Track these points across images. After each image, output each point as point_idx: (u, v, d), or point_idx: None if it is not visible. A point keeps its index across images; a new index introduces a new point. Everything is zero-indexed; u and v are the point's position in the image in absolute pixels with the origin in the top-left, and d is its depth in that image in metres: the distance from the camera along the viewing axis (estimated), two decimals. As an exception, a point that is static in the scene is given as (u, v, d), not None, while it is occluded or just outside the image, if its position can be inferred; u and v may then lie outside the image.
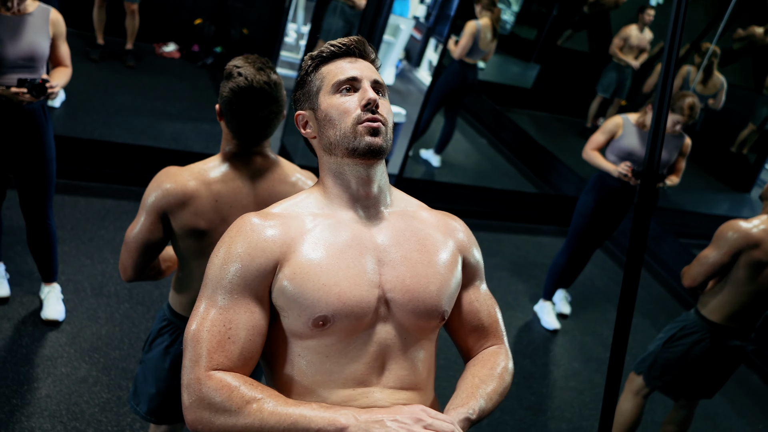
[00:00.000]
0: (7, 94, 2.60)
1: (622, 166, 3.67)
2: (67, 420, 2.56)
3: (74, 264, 3.40)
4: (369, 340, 1.22)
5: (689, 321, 2.77)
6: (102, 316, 3.13)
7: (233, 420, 1.11)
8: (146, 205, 1.77)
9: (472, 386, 1.25)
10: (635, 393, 2.91)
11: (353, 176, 1.27)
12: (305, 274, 1.19)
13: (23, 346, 2.84)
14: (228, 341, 1.17)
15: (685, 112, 3.53)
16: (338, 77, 1.27)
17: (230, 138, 1.81)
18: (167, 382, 1.96)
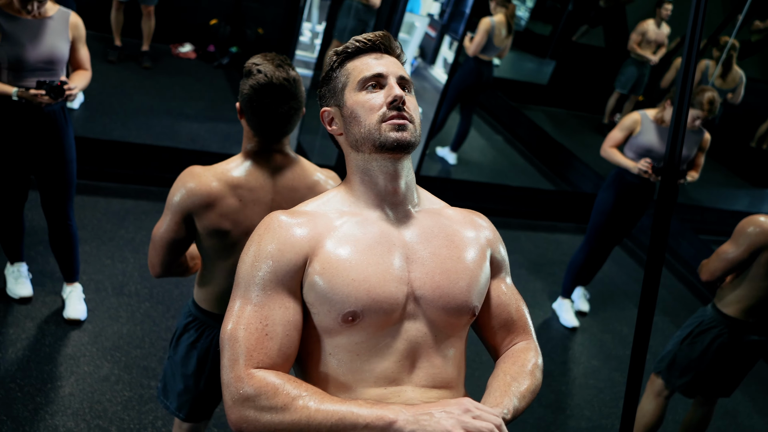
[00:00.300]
0: (27, 96, 2.63)
1: (642, 162, 3.64)
2: (90, 418, 2.59)
3: (95, 264, 3.44)
4: (398, 337, 1.22)
5: (707, 316, 2.75)
6: (123, 315, 3.15)
7: (280, 417, 1.10)
8: (171, 205, 1.80)
9: (505, 384, 1.23)
10: (656, 394, 2.89)
11: (380, 172, 1.26)
12: (334, 270, 1.19)
13: (46, 345, 2.87)
14: (266, 338, 1.16)
15: (705, 107, 3.49)
16: (364, 74, 1.27)
17: (251, 136, 1.83)
18: (195, 378, 1.98)
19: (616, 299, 4.61)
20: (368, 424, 1.07)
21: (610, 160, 3.80)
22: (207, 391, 2.01)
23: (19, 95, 2.63)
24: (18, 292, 3.05)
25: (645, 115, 3.72)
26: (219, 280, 1.89)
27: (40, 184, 2.91)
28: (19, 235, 3.03)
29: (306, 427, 1.09)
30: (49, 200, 2.93)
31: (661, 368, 2.88)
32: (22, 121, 2.72)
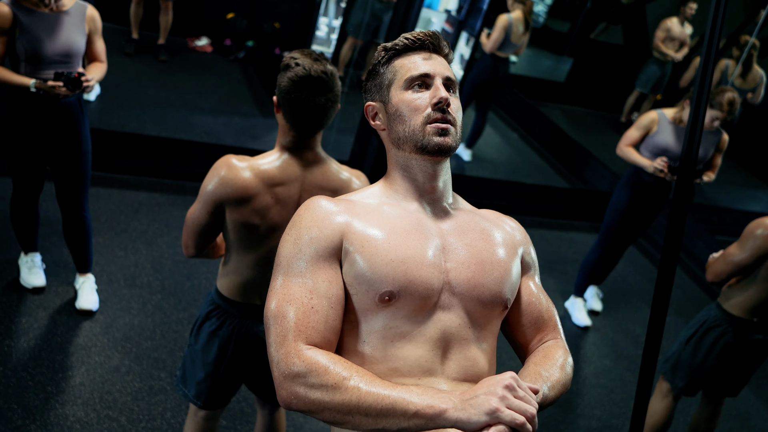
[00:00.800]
0: (44, 88, 2.65)
1: (658, 161, 3.60)
2: (100, 408, 2.61)
3: (108, 255, 3.46)
4: (432, 325, 1.23)
5: (711, 316, 2.73)
6: (135, 307, 3.18)
7: (330, 396, 1.10)
8: (204, 193, 1.84)
9: (536, 374, 1.23)
10: (665, 394, 2.87)
11: (420, 171, 1.30)
12: (374, 249, 1.21)
13: (58, 335, 2.90)
14: (312, 311, 1.17)
15: (724, 108, 3.45)
16: (411, 73, 1.29)
17: (287, 130, 1.86)
18: (215, 366, 2.00)
19: (630, 299, 4.57)
20: (418, 411, 1.07)
21: (626, 159, 3.77)
22: (226, 380, 2.03)
23: (36, 86, 2.65)
24: (31, 281, 3.08)
25: (663, 115, 3.69)
26: (243, 271, 1.93)
27: (55, 175, 2.93)
28: (33, 225, 3.05)
29: (355, 408, 1.09)
30: (64, 191, 2.96)
31: (666, 369, 2.86)
32: (39, 113, 2.75)
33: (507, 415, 1.04)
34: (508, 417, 1.04)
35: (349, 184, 1.93)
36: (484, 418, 1.05)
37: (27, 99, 2.71)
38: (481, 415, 1.05)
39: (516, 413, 1.05)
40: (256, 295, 1.95)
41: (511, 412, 1.05)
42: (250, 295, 1.95)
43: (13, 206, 2.98)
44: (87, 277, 3.13)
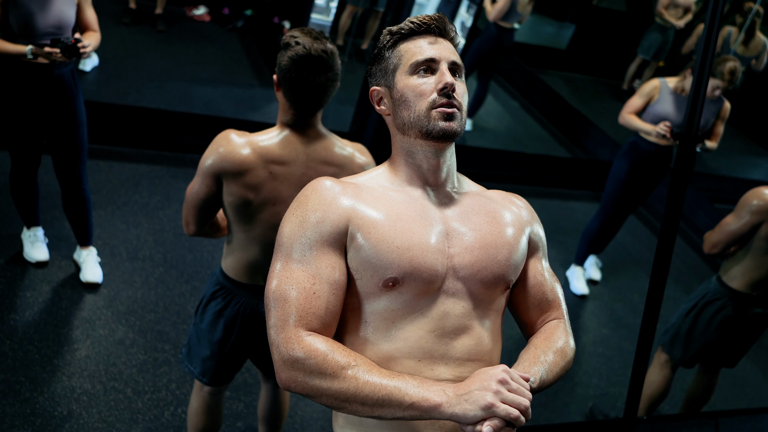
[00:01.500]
0: (41, 53, 2.66)
1: (661, 125, 3.61)
2: (105, 380, 2.66)
3: (110, 229, 3.48)
4: (435, 308, 1.24)
5: (711, 289, 2.75)
6: (137, 280, 3.21)
7: (328, 384, 1.13)
8: (203, 167, 1.85)
9: (534, 357, 1.26)
10: (663, 365, 2.91)
11: (424, 156, 1.30)
12: (380, 235, 1.22)
13: (62, 309, 2.94)
14: (313, 296, 1.19)
15: (726, 77, 3.44)
16: (416, 57, 1.28)
17: (287, 108, 1.87)
18: (220, 345, 2.03)
19: (629, 268, 4.60)
20: (413, 403, 1.11)
21: (628, 127, 3.78)
22: (231, 358, 2.07)
23: (33, 52, 2.65)
24: (34, 256, 3.11)
25: (665, 83, 3.68)
26: (246, 249, 1.94)
27: (51, 148, 2.94)
28: (33, 199, 3.07)
29: (352, 397, 1.13)
30: (62, 164, 2.97)
31: (664, 341, 2.89)
32: (32, 84, 2.76)
33: (502, 410, 1.08)
34: (503, 411, 1.08)
35: (352, 159, 1.94)
36: (480, 414, 1.09)
37: (21, 71, 2.72)
38: (476, 410, 1.09)
39: (510, 407, 1.09)
40: (260, 276, 1.97)
41: (506, 406, 1.08)
42: (254, 275, 1.96)
43: (12, 180, 3.00)
44: (89, 250, 3.15)
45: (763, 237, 2.56)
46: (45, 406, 2.48)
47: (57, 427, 2.42)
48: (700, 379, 3.03)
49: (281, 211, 1.86)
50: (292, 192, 1.86)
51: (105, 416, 2.51)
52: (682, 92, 3.64)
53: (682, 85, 3.64)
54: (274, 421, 2.36)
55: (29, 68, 2.72)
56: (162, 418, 2.57)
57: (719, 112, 3.73)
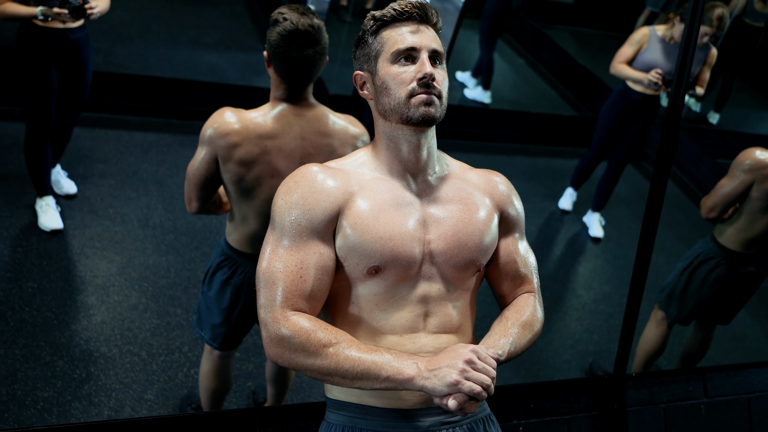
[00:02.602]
0: (50, 14, 2.80)
1: (652, 73, 3.67)
2: (121, 344, 2.78)
3: (120, 197, 3.58)
4: (413, 290, 1.35)
5: (705, 248, 2.81)
6: (149, 247, 3.31)
7: (311, 360, 1.24)
8: (201, 143, 1.94)
9: (504, 329, 1.36)
10: (660, 322, 2.99)
11: (405, 141, 1.35)
12: (365, 226, 1.31)
13: (77, 276, 3.05)
14: (300, 280, 1.28)
15: (714, 23, 3.52)
16: (398, 46, 1.32)
17: (279, 83, 1.93)
18: (228, 312, 2.15)
19: (632, 225, 4.65)
20: (389, 377, 1.22)
21: (619, 76, 3.88)
22: (239, 324, 2.19)
23: (43, 13, 2.80)
24: (49, 224, 3.21)
25: (653, 31, 3.76)
26: (247, 222, 2.03)
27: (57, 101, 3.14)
28: (48, 166, 3.21)
29: (334, 371, 1.24)
30: (62, 114, 3.20)
31: (661, 299, 2.97)
32: (49, 50, 2.93)
33: (466, 387, 1.19)
34: (466, 388, 1.19)
35: (346, 131, 2.01)
36: (446, 390, 1.20)
37: (38, 38, 2.89)
38: (443, 386, 1.20)
39: (474, 384, 1.20)
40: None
41: (470, 383, 1.20)
42: (256, 245, 2.05)
43: (28, 147, 3.12)
44: (56, 168, 3.46)
45: (755, 197, 2.60)
46: (65, 369, 2.62)
47: (77, 389, 2.56)
48: (695, 335, 3.11)
49: (279, 183, 1.93)
50: (289, 165, 1.93)
51: (122, 378, 2.65)
52: (671, 40, 3.70)
53: (670, 33, 3.69)
54: (281, 382, 2.48)
55: (46, 34, 2.88)
56: (176, 379, 2.70)
57: (706, 59, 3.77)
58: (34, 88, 2.99)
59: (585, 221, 4.45)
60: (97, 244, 3.24)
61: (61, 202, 3.40)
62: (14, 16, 2.80)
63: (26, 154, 3.15)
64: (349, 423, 1.36)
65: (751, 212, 2.64)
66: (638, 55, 3.78)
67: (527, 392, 1.91)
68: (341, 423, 1.37)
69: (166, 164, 3.92)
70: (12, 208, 3.31)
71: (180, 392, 2.65)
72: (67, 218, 3.34)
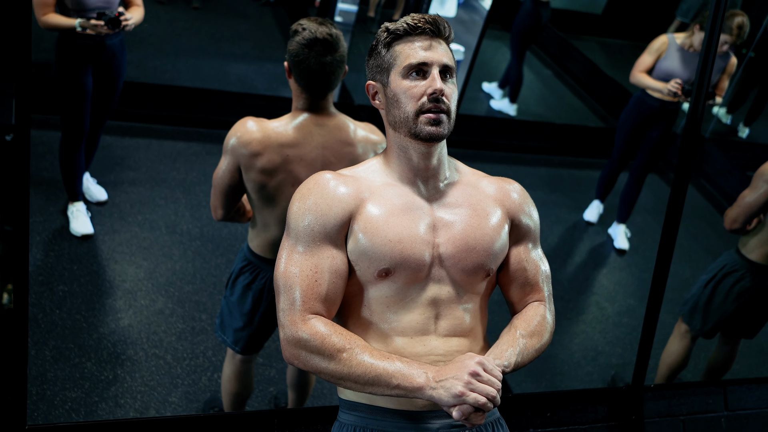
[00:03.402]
0: (88, 26, 2.93)
1: (672, 83, 3.66)
2: (147, 347, 2.84)
3: (149, 204, 3.66)
4: (423, 293, 1.39)
5: (730, 260, 2.79)
6: (176, 253, 3.38)
7: (325, 364, 1.29)
8: (225, 152, 1.99)
9: (512, 339, 1.39)
10: (683, 335, 2.96)
11: (415, 151, 1.40)
12: (375, 229, 1.35)
13: (107, 281, 3.13)
14: (315, 284, 1.33)
15: (734, 31, 3.50)
16: (410, 61, 1.36)
17: (299, 93, 1.99)
18: (249, 316, 2.19)
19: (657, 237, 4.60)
20: (398, 385, 1.26)
21: (640, 86, 3.89)
22: (260, 329, 2.23)
23: (81, 25, 2.93)
24: (80, 230, 3.30)
25: (672, 39, 3.75)
26: (269, 229, 2.08)
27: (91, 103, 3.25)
28: (80, 172, 3.32)
29: (347, 376, 1.28)
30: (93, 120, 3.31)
31: (684, 311, 2.94)
32: (87, 56, 3.07)
33: (470, 398, 1.23)
34: (471, 399, 1.23)
35: (368, 138, 2.05)
36: (452, 401, 1.24)
37: (76, 45, 3.02)
38: (449, 397, 1.24)
39: (479, 395, 1.23)
40: None
41: (475, 395, 1.23)
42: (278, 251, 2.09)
43: (64, 152, 3.24)
44: (86, 176, 3.54)
45: None
46: (93, 371, 2.68)
47: (104, 390, 2.62)
48: (720, 349, 3.07)
49: None
50: (310, 173, 1.97)
51: (147, 381, 2.70)
52: (690, 48, 3.68)
53: (690, 41, 3.67)
54: (302, 387, 2.51)
55: (84, 40, 3.01)
56: (199, 382, 2.75)
57: (725, 67, 3.74)
58: (72, 92, 3.11)
59: (610, 233, 4.42)
60: (125, 250, 3.32)
61: (92, 209, 3.49)
62: (56, 26, 2.95)
63: (61, 160, 3.26)
64: (361, 423, 1.40)
65: None
66: (658, 63, 3.78)
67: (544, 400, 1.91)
68: (353, 423, 1.41)
69: (194, 172, 4.00)
70: (45, 214, 3.41)
71: (203, 396, 2.70)
72: (96, 224, 3.42)
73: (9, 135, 1.96)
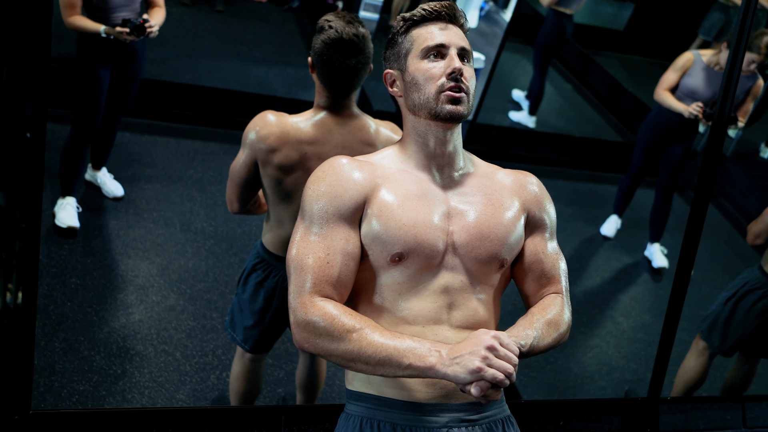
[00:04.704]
0: (113, 33, 2.96)
1: (693, 106, 3.61)
2: (157, 343, 2.83)
3: (165, 201, 3.66)
4: (436, 281, 1.36)
5: (752, 277, 2.73)
6: (189, 251, 3.37)
7: (335, 345, 1.25)
8: (243, 145, 1.96)
9: (529, 323, 1.35)
10: (701, 352, 2.90)
11: (432, 136, 1.39)
12: (389, 213, 1.33)
13: (119, 275, 3.13)
14: (327, 266, 1.31)
15: (762, 50, 3.43)
16: (427, 43, 1.37)
17: (322, 90, 1.95)
18: (260, 315, 2.16)
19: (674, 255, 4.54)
20: (411, 364, 1.22)
21: (662, 104, 3.81)
22: (271, 327, 2.19)
23: (106, 32, 2.95)
24: (66, 221, 3.24)
25: (698, 56, 3.69)
26: (283, 226, 2.05)
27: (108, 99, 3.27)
28: (82, 168, 3.36)
29: (357, 357, 1.24)
30: (111, 110, 3.33)
31: (703, 328, 2.89)
32: (109, 53, 3.10)
33: (489, 374, 1.17)
34: (489, 375, 1.17)
35: (389, 139, 2.01)
36: (468, 377, 1.18)
37: (97, 41, 3.03)
38: (465, 373, 1.18)
39: (497, 371, 1.18)
40: None
41: (493, 370, 1.18)
42: None
43: (72, 148, 3.25)
44: (103, 171, 3.53)
45: None
46: (101, 365, 2.67)
47: (112, 385, 2.60)
48: (739, 368, 3.01)
49: None
50: None
51: (155, 377, 2.69)
52: (716, 66, 3.62)
53: (716, 59, 3.61)
54: (311, 389, 2.48)
55: (109, 42, 3.04)
56: (208, 381, 2.73)
57: (751, 89, 3.67)
58: (88, 87, 3.12)
59: (646, 255, 4.33)
60: (139, 245, 3.32)
61: (108, 203, 3.50)
62: (81, 28, 2.98)
63: (66, 153, 3.26)
64: (368, 414, 1.37)
65: None
66: (682, 80, 3.74)
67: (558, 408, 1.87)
68: (360, 414, 1.38)
69: (210, 171, 4.00)
70: (61, 207, 3.42)
71: (211, 394, 2.67)
72: (111, 219, 3.43)
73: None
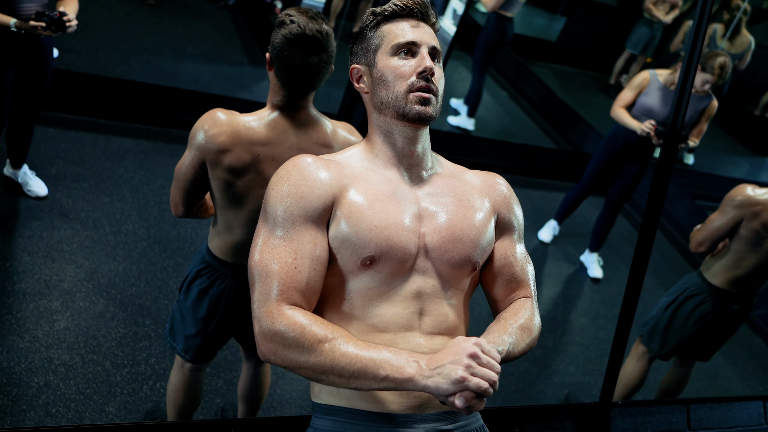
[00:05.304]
0: (26, 27, 2.66)
1: (646, 124, 3.68)
2: (84, 352, 2.65)
3: (93, 201, 3.46)
4: (408, 285, 1.29)
5: (692, 283, 2.80)
6: (120, 254, 3.19)
7: (305, 357, 1.16)
8: (190, 145, 1.82)
9: (504, 328, 1.30)
10: (640, 357, 2.95)
11: (400, 135, 1.33)
12: (359, 215, 1.26)
13: (42, 280, 2.92)
14: (295, 271, 1.22)
15: (716, 71, 3.50)
16: (398, 39, 1.31)
17: (278, 89, 1.82)
18: (204, 323, 2.02)
19: (608, 260, 4.65)
20: (387, 375, 1.14)
21: (617, 121, 3.88)
22: (215, 337, 2.06)
23: (17, 26, 2.65)
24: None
25: (654, 76, 3.75)
26: (233, 231, 1.92)
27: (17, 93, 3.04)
28: None
29: (329, 369, 1.16)
30: (23, 106, 3.09)
31: (643, 333, 2.94)
32: (13, 49, 2.82)
33: (473, 383, 1.11)
34: (473, 385, 1.11)
35: (347, 141, 1.91)
36: (451, 388, 1.12)
37: (3, 39, 2.74)
38: (448, 384, 1.12)
39: (481, 380, 1.12)
40: (246, 256, 1.95)
41: (477, 379, 1.11)
42: (240, 255, 1.94)
43: None
44: (24, 168, 3.32)
45: (743, 234, 2.60)
46: (22, 377, 2.48)
47: (33, 398, 2.42)
48: (675, 370, 3.08)
49: None
50: None
51: (83, 388, 2.51)
52: (672, 86, 3.69)
53: (672, 79, 3.69)
54: (254, 400, 2.37)
55: (16, 35, 2.74)
56: (140, 392, 2.58)
57: (706, 109, 3.77)
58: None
59: (583, 261, 4.41)
60: (65, 248, 3.12)
61: (30, 204, 3.28)
62: None
63: None
64: (339, 428, 1.28)
65: (739, 250, 2.63)
66: (638, 99, 3.79)
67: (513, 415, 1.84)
68: (329, 428, 1.29)
69: (142, 171, 3.81)
70: (-22, 206, 3.18)
71: (144, 406, 2.52)
72: (34, 219, 3.21)
73: None
